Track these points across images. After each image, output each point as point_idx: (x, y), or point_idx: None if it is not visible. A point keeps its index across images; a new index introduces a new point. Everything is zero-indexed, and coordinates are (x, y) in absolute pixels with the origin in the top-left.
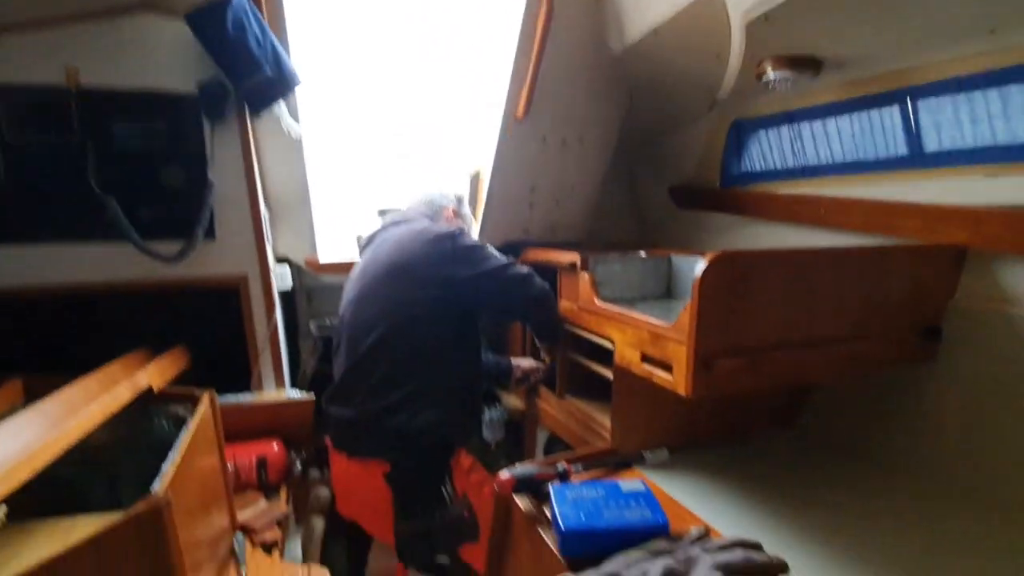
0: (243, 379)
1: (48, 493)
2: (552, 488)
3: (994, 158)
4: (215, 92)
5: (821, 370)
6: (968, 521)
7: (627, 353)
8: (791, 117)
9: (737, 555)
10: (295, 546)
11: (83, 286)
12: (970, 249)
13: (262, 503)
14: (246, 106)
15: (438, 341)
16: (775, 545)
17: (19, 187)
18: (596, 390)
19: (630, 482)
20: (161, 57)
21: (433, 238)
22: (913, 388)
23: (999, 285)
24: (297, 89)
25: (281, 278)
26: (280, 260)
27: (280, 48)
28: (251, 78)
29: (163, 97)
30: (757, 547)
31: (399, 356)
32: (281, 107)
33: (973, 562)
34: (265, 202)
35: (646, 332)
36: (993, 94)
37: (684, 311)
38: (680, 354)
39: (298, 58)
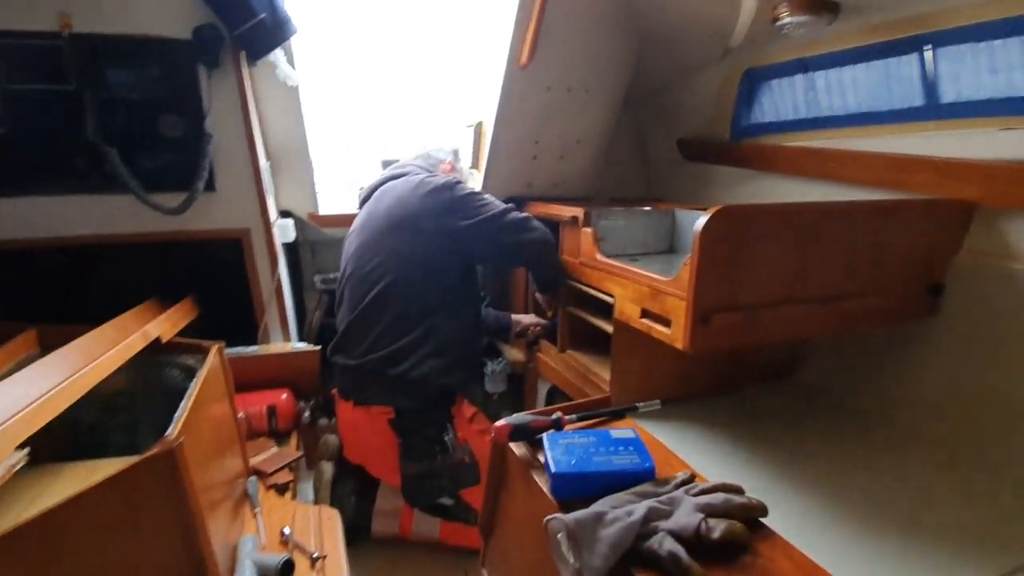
0: (250, 332)
1: (73, 437)
2: (546, 436)
3: (1011, 110)
4: (210, 38)
5: (821, 326)
6: (957, 477)
7: (627, 308)
8: (805, 65)
9: (718, 498)
10: (307, 488)
11: (91, 238)
12: (979, 205)
13: (273, 449)
14: (242, 54)
15: (440, 292)
16: (757, 491)
17: (22, 138)
18: (596, 344)
19: (621, 430)
20: (154, 1)
21: (431, 189)
22: (911, 343)
23: (1005, 241)
24: (294, 38)
25: (284, 231)
26: (283, 213)
27: None
28: (246, 23)
29: (157, 43)
30: (738, 491)
31: (402, 307)
32: (278, 55)
33: (957, 518)
34: (265, 154)
35: (646, 287)
36: (1014, 42)
37: (684, 266)
38: (679, 309)
39: (294, 5)
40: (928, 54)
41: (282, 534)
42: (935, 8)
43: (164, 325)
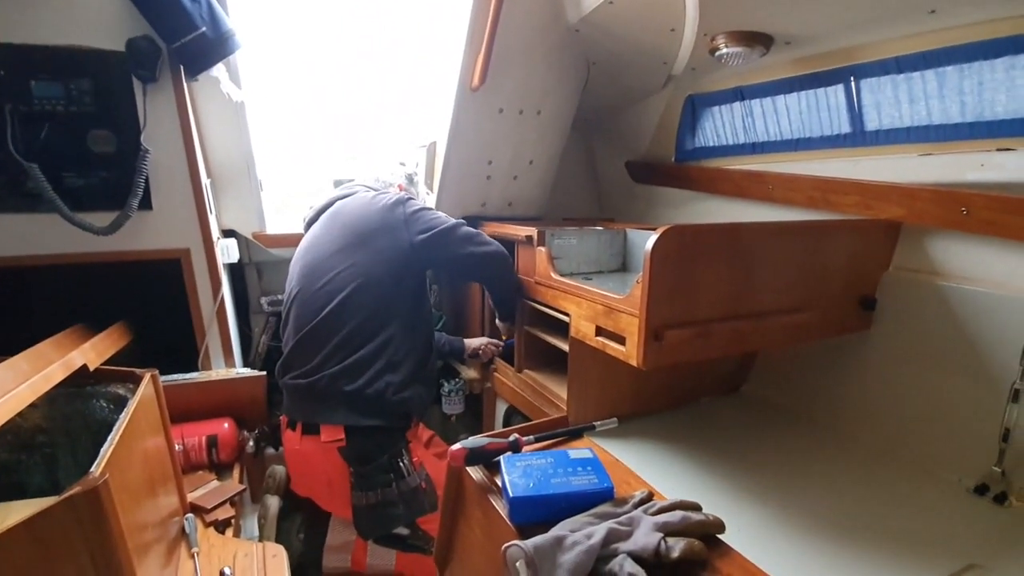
0: (190, 357)
1: None
2: (503, 458)
3: (928, 137)
4: (145, 50)
5: (766, 339)
6: (899, 484)
7: (582, 326)
8: (742, 93)
9: (676, 516)
10: (251, 525)
11: (10, 260)
12: (904, 224)
13: (214, 482)
14: (181, 68)
15: (394, 308)
16: (714, 504)
17: None
18: (552, 362)
19: (578, 450)
20: (85, 12)
21: (383, 206)
22: (850, 355)
23: (929, 258)
24: (239, 53)
25: (227, 252)
26: (226, 233)
27: (217, 6)
28: (185, 36)
29: (88, 54)
30: (696, 508)
31: (356, 323)
32: (220, 70)
33: (901, 524)
34: (207, 171)
35: (600, 305)
36: (930, 74)
37: (636, 284)
38: (633, 326)
39: (239, 19)
40: (853, 85)
41: (222, 575)
42: (858, 42)
43: (90, 353)
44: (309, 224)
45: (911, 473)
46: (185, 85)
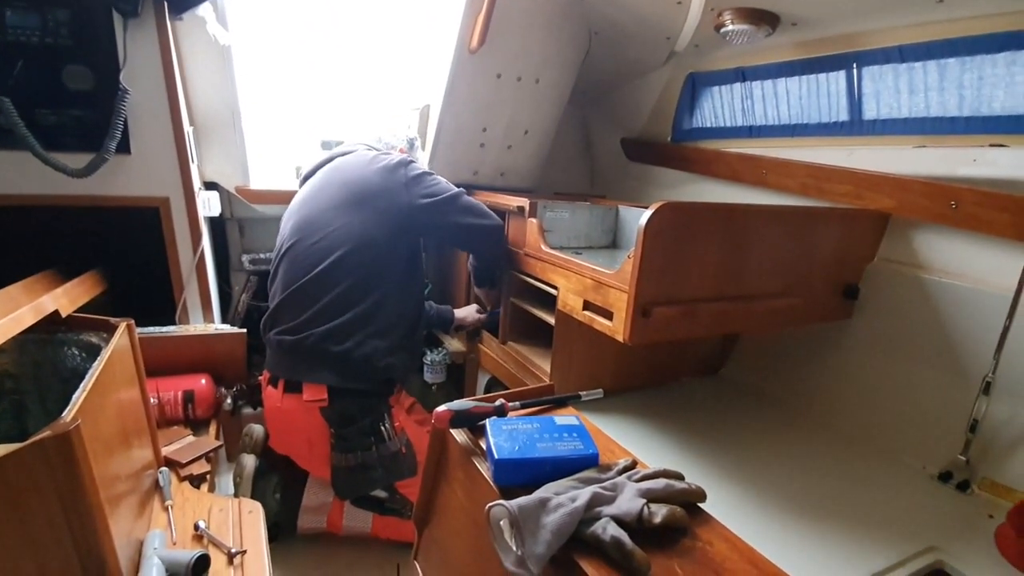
0: (167, 311)
1: None
2: (489, 422)
3: (924, 129)
4: None
5: (750, 322)
6: (869, 467)
7: (570, 300)
8: (744, 74)
9: (660, 484)
10: (226, 483)
11: None
12: (893, 216)
13: (189, 438)
14: (166, 4)
15: (387, 272)
16: (694, 477)
17: None
18: (537, 335)
19: (564, 417)
20: None
21: (386, 166)
22: (829, 343)
23: (914, 250)
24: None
25: (208, 204)
26: (208, 185)
27: None
28: None
29: None
30: (679, 477)
31: (348, 283)
32: (207, 10)
33: (868, 505)
34: (189, 118)
35: (589, 279)
36: (932, 66)
37: (627, 259)
38: (621, 301)
39: None
40: (855, 72)
41: (196, 528)
42: (865, 28)
43: (62, 299)
44: (305, 178)
45: (879, 459)
46: (169, 23)
